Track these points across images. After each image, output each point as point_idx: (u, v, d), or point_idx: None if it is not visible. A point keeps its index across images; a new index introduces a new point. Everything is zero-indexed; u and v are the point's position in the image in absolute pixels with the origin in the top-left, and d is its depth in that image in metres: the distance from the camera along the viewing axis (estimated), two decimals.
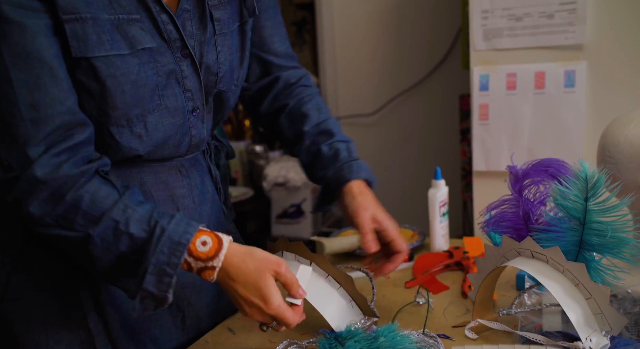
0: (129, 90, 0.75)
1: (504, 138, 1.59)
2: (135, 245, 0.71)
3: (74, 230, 0.71)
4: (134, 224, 0.71)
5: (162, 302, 0.72)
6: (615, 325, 0.75)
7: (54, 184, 0.70)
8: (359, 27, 2.40)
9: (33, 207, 0.70)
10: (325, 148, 0.97)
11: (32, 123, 0.69)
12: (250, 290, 0.72)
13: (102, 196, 0.71)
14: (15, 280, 0.80)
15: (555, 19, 1.47)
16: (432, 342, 0.84)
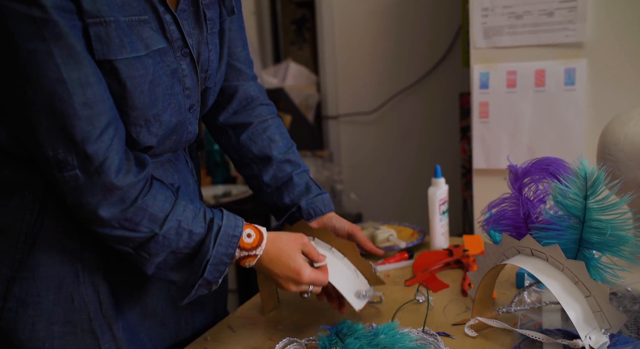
0: (147, 91, 0.78)
1: (504, 136, 1.59)
2: (192, 240, 0.78)
3: (138, 231, 0.76)
4: (193, 222, 0.79)
5: (212, 287, 0.82)
6: (615, 323, 0.75)
7: (127, 189, 0.74)
8: (359, 25, 2.40)
9: (104, 211, 0.73)
10: (297, 178, 1.03)
11: (87, 121, 0.71)
12: (284, 269, 0.84)
13: (163, 198, 0.78)
14: (17, 289, 0.80)
15: (555, 16, 1.47)
16: (432, 340, 0.84)
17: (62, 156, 0.71)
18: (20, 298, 0.79)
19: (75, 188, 0.73)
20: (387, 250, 1.27)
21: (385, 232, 1.27)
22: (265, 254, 0.83)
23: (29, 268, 0.79)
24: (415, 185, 2.34)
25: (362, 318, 0.95)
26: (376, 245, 1.26)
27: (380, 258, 1.24)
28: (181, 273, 0.81)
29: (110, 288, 0.85)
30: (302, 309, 1.02)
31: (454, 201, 1.80)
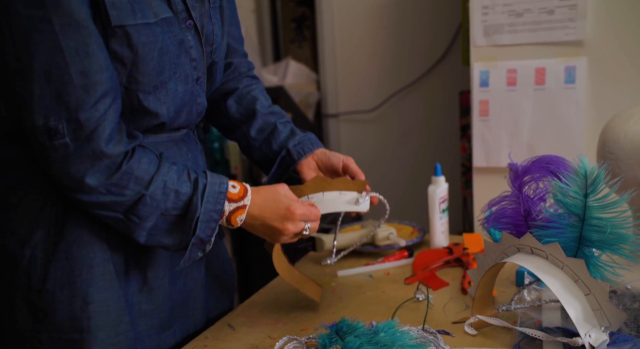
0: (156, 58, 0.80)
1: (504, 134, 1.59)
2: (180, 200, 0.80)
3: (124, 195, 0.77)
4: (178, 181, 0.80)
5: (206, 247, 0.83)
6: (615, 321, 0.75)
7: (116, 158, 0.76)
8: (359, 23, 2.40)
9: (90, 178, 0.75)
10: (280, 126, 1.06)
11: (83, 89, 0.72)
12: (274, 211, 0.85)
13: (147, 161, 0.79)
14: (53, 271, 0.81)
15: (555, 14, 1.47)
16: (432, 338, 0.84)
17: (54, 124, 0.72)
18: (57, 279, 0.81)
19: (64, 156, 0.74)
20: (387, 248, 1.27)
21: (385, 230, 1.27)
22: (253, 203, 0.84)
23: (62, 250, 0.81)
24: (415, 183, 2.34)
25: (362, 316, 0.95)
26: (376, 243, 1.26)
27: (380, 257, 1.24)
28: (173, 236, 0.81)
29: (138, 265, 0.87)
30: (302, 307, 1.02)
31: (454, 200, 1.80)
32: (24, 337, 0.83)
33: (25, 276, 0.81)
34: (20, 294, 0.82)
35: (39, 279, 0.81)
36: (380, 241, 1.26)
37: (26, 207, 0.81)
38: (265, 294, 1.11)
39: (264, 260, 1.83)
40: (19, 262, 0.81)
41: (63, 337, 0.82)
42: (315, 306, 1.02)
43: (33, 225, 0.81)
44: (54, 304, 0.81)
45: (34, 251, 0.81)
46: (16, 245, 0.81)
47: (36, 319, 0.82)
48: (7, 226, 0.82)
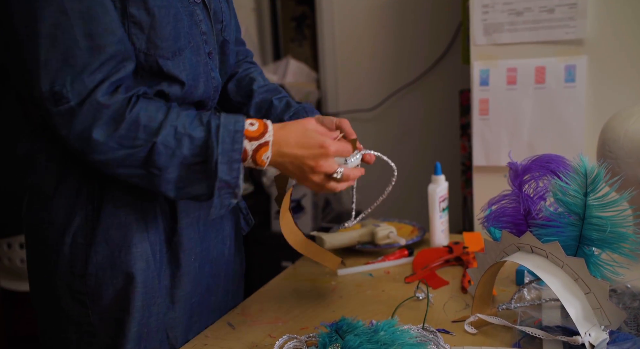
0: (172, 23, 0.81)
1: (504, 133, 1.58)
2: (195, 145, 0.77)
3: (137, 147, 0.75)
4: (190, 126, 0.77)
5: (235, 190, 0.79)
6: (614, 320, 0.75)
7: (115, 106, 0.74)
8: (359, 22, 2.40)
9: (97, 133, 0.74)
10: (276, 101, 1.04)
11: (88, 52, 0.73)
12: (306, 147, 0.81)
13: (154, 109, 0.77)
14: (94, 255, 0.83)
15: (555, 13, 1.47)
16: (432, 336, 0.84)
17: (59, 88, 0.72)
18: (98, 263, 0.83)
19: (69, 120, 0.73)
20: (387, 247, 1.27)
21: (385, 229, 1.27)
22: (279, 138, 0.80)
23: (101, 234, 0.83)
24: (415, 182, 2.34)
25: (362, 315, 0.95)
26: (376, 242, 1.26)
27: (380, 255, 1.24)
28: (201, 185, 0.79)
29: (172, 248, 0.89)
30: (302, 306, 1.02)
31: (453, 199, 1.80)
32: (75, 322, 0.85)
33: (67, 264, 0.83)
34: (62, 283, 0.84)
35: (81, 264, 0.83)
36: (380, 240, 1.26)
37: (62, 197, 0.83)
38: (265, 293, 1.11)
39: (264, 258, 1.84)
40: (60, 251, 0.83)
41: (112, 317, 0.85)
42: (315, 305, 1.02)
43: (70, 212, 0.83)
44: (99, 287, 0.83)
45: (74, 238, 0.83)
46: (55, 234, 0.83)
47: (82, 304, 0.84)
48: (45, 218, 0.84)
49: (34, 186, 0.85)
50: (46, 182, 0.84)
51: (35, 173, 0.85)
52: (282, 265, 2.15)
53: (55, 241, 0.83)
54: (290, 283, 1.15)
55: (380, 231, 1.27)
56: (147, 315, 0.86)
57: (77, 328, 0.85)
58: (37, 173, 0.84)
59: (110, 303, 0.84)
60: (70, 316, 0.85)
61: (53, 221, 0.83)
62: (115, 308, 0.84)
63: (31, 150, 0.85)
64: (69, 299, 0.84)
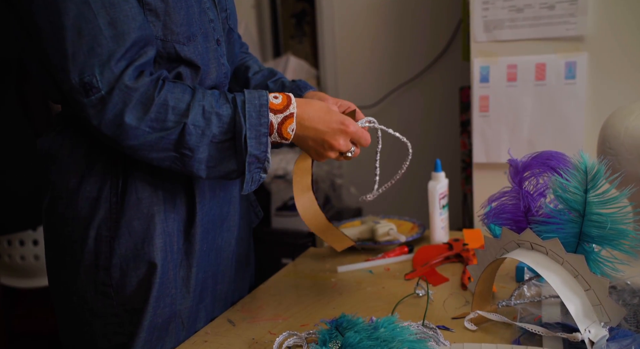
0: (185, 9, 0.83)
1: (504, 130, 1.58)
2: (223, 122, 0.79)
3: (168, 129, 0.77)
4: (217, 104, 0.80)
5: (264, 164, 0.82)
6: (614, 316, 0.75)
7: (142, 89, 0.76)
8: (359, 19, 2.39)
9: (128, 117, 0.75)
10: (271, 84, 1.06)
11: (113, 40, 0.74)
12: (328, 123, 0.84)
13: (180, 91, 0.79)
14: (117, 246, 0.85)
15: (556, 10, 1.47)
16: (432, 333, 0.84)
17: (88, 79, 0.74)
18: (122, 254, 0.85)
19: (101, 109, 0.75)
20: (387, 244, 1.27)
21: (385, 226, 1.27)
22: (302, 112, 0.83)
23: (124, 226, 0.84)
24: (415, 178, 2.34)
25: (362, 312, 0.95)
26: (376, 239, 1.26)
27: (380, 252, 1.24)
28: (231, 162, 0.81)
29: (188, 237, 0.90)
30: (302, 303, 1.03)
31: (453, 196, 1.80)
32: (100, 315, 0.86)
33: (92, 257, 0.84)
34: (87, 277, 0.85)
35: (105, 257, 0.84)
36: (380, 237, 1.26)
37: (85, 191, 0.84)
38: (265, 290, 1.11)
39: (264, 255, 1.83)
40: (85, 244, 0.84)
41: (133, 307, 0.86)
42: (315, 302, 1.02)
43: (94, 206, 0.84)
44: (123, 278, 0.85)
45: (98, 230, 0.84)
46: (80, 228, 0.84)
47: (107, 296, 0.86)
48: (69, 213, 0.85)
49: (56, 183, 0.86)
50: (69, 178, 0.85)
51: (58, 169, 0.86)
52: (282, 261, 2.15)
53: (80, 235, 0.84)
54: (290, 279, 1.15)
55: (381, 228, 1.27)
56: (162, 305, 0.88)
57: (102, 320, 0.87)
58: (59, 169, 0.86)
59: (132, 293, 0.86)
60: (94, 309, 0.86)
61: (77, 216, 0.84)
62: (136, 298, 0.86)
63: (53, 146, 0.86)
64: (93, 292, 0.86)
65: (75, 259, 0.85)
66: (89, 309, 0.87)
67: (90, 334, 0.88)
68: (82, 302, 0.87)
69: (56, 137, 0.87)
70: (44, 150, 0.88)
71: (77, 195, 0.84)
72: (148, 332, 0.87)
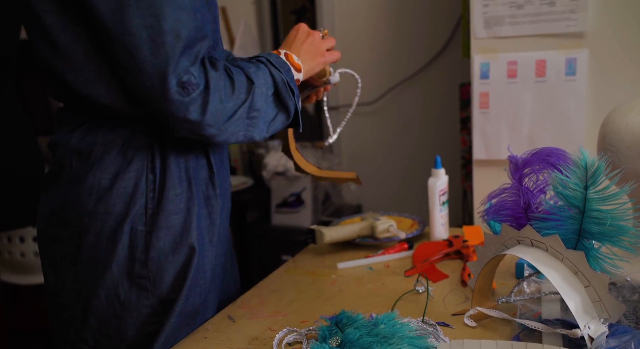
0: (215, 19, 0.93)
1: (504, 126, 1.58)
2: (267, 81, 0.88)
3: (245, 99, 0.84)
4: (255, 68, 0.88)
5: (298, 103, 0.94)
6: (614, 313, 0.75)
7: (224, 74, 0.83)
8: (359, 16, 2.39)
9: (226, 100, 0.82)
10: None
11: (201, 40, 0.81)
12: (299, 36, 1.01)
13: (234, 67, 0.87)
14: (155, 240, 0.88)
15: (556, 6, 1.46)
16: (432, 330, 0.84)
17: (187, 77, 0.77)
18: (159, 248, 0.87)
19: (203, 102, 0.79)
20: (387, 240, 1.27)
21: (385, 223, 1.27)
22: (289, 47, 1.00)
23: (162, 220, 0.87)
24: (415, 175, 2.34)
25: (362, 308, 0.95)
26: (376, 235, 1.26)
27: (380, 249, 1.24)
28: (282, 109, 0.91)
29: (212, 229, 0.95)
30: (302, 299, 1.03)
31: (453, 192, 1.80)
32: (130, 308, 0.88)
33: (126, 250, 0.86)
34: (120, 270, 0.87)
35: (142, 250, 0.87)
36: (380, 234, 1.26)
37: (120, 187, 0.86)
38: (265, 286, 1.11)
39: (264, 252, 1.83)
40: (118, 239, 0.86)
41: (169, 297, 0.89)
42: (315, 298, 1.03)
43: (129, 202, 0.86)
44: (160, 271, 0.88)
45: (133, 225, 0.86)
46: (113, 223, 0.86)
47: (142, 288, 0.88)
48: (102, 209, 0.86)
49: (86, 179, 0.87)
50: (102, 175, 0.86)
51: (89, 167, 0.87)
52: (282, 258, 2.16)
53: (113, 231, 0.86)
54: (290, 276, 1.15)
55: (380, 225, 1.27)
56: (193, 294, 0.91)
57: (135, 313, 0.89)
58: (91, 166, 0.87)
59: (169, 284, 0.89)
60: (126, 302, 0.88)
61: (110, 212, 0.86)
62: (172, 288, 0.89)
63: (84, 145, 0.87)
64: (127, 285, 0.87)
65: (105, 254, 0.86)
66: (120, 303, 0.88)
67: (118, 327, 0.89)
68: (113, 296, 0.88)
69: (87, 136, 0.87)
70: (75, 148, 0.88)
71: (111, 191, 0.86)
72: (177, 319, 0.90)
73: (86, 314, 0.89)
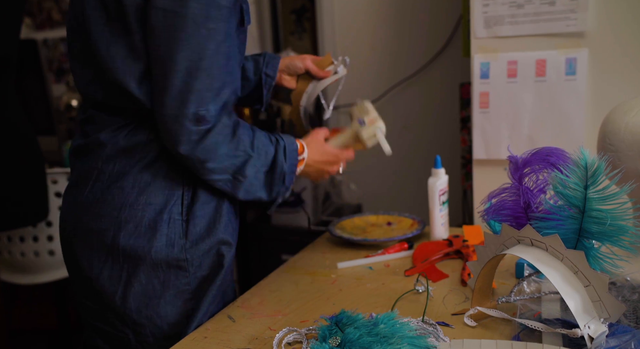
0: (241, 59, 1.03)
1: (504, 126, 1.58)
2: (267, 159, 0.97)
3: (238, 157, 0.94)
4: (266, 143, 0.98)
5: (287, 193, 1.03)
6: (614, 312, 0.75)
7: (233, 126, 0.93)
8: (359, 15, 2.39)
9: (222, 147, 0.91)
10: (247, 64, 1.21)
11: (229, 85, 0.91)
12: (325, 159, 1.10)
13: (247, 128, 0.96)
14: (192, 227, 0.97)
15: (556, 6, 1.46)
16: (432, 329, 0.84)
17: (203, 112, 0.87)
18: (196, 233, 0.97)
19: (203, 136, 0.88)
20: (386, 240, 1.26)
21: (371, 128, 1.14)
22: (309, 156, 1.07)
23: (198, 209, 0.97)
24: (415, 175, 2.34)
25: (362, 308, 0.95)
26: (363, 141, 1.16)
27: (380, 249, 1.24)
28: (266, 189, 0.99)
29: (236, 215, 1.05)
30: (302, 299, 1.03)
31: (453, 192, 1.80)
32: (169, 286, 0.96)
33: (164, 238, 0.95)
34: (160, 254, 0.94)
35: (180, 237, 0.95)
36: (368, 141, 1.14)
37: (160, 182, 0.95)
38: (265, 286, 1.11)
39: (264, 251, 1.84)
40: (159, 226, 0.94)
41: (205, 279, 0.98)
42: (315, 298, 1.03)
43: (168, 194, 0.95)
44: (199, 253, 0.97)
45: (170, 214, 0.95)
46: (153, 213, 0.94)
47: (181, 268, 0.96)
48: (143, 200, 0.94)
49: (129, 174, 0.95)
50: (146, 170, 0.95)
51: (136, 162, 0.95)
52: (282, 258, 2.16)
53: (153, 220, 0.94)
54: (290, 276, 1.15)
55: (365, 130, 1.14)
56: (225, 278, 1.02)
57: (173, 291, 0.96)
58: (137, 162, 0.95)
59: (209, 267, 0.98)
60: (166, 281, 0.96)
61: (151, 202, 0.95)
62: (212, 271, 0.98)
63: (129, 144, 0.95)
64: (165, 268, 0.95)
65: (145, 241, 0.94)
66: (161, 283, 0.96)
67: (157, 307, 0.96)
68: (153, 277, 0.95)
69: (134, 136, 0.95)
70: (117, 146, 0.95)
71: (152, 186, 0.95)
72: (212, 297, 0.99)
73: (126, 296, 0.96)
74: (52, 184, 1.96)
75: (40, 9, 3.12)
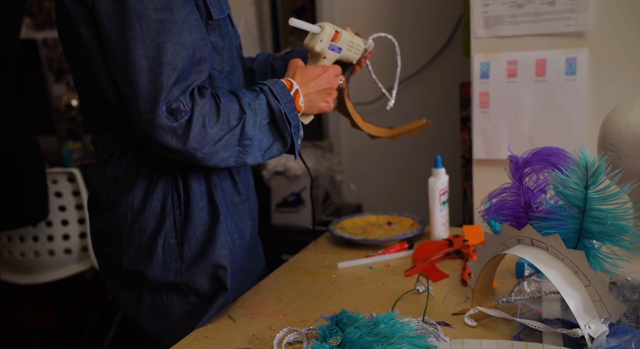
0: (234, 43, 1.01)
1: (504, 126, 1.58)
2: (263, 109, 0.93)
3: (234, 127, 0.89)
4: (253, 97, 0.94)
5: (300, 131, 0.99)
6: (614, 312, 0.75)
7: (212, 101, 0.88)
8: (359, 15, 2.39)
9: (209, 125, 0.86)
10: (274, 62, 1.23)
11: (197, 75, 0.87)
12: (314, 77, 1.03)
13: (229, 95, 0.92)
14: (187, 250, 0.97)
15: (556, 5, 1.46)
16: (432, 329, 0.84)
17: (176, 105, 0.84)
18: (191, 256, 0.97)
19: (188, 127, 0.85)
20: (387, 239, 1.26)
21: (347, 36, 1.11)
22: (302, 86, 1.01)
23: (191, 233, 0.96)
24: (415, 175, 2.34)
25: (362, 308, 0.95)
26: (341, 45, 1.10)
27: (380, 249, 1.24)
28: (278, 140, 0.96)
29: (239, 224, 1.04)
30: (303, 298, 1.03)
31: (454, 192, 1.80)
32: (173, 306, 0.98)
33: (161, 262, 0.96)
34: (158, 279, 0.96)
35: (176, 260, 0.96)
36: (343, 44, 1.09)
37: (151, 207, 0.95)
38: (265, 286, 1.11)
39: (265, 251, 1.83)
40: (155, 250, 0.95)
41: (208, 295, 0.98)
42: (315, 298, 1.03)
43: (160, 219, 0.96)
44: (193, 277, 0.97)
45: (165, 239, 0.96)
46: (148, 238, 0.96)
47: (181, 291, 0.97)
48: (137, 227, 0.96)
49: (120, 203, 0.96)
50: (134, 197, 0.96)
51: (123, 191, 0.96)
52: (283, 258, 2.16)
53: (149, 245, 0.96)
54: (290, 276, 1.15)
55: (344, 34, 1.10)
56: (233, 292, 1.02)
57: (179, 310, 0.98)
58: (125, 191, 0.96)
59: (207, 287, 0.98)
60: (169, 302, 0.98)
61: (145, 229, 0.96)
62: (209, 290, 0.98)
63: (119, 172, 0.97)
64: (166, 291, 0.97)
65: (144, 266, 0.96)
66: (164, 304, 0.98)
67: (163, 326, 0.99)
68: (157, 299, 0.98)
69: (119, 164, 0.96)
70: (105, 178, 0.97)
71: (144, 212, 0.95)
72: (216, 311, 1.00)
73: (138, 314, 1.00)
74: (52, 184, 1.96)
75: (40, 9, 3.12)
